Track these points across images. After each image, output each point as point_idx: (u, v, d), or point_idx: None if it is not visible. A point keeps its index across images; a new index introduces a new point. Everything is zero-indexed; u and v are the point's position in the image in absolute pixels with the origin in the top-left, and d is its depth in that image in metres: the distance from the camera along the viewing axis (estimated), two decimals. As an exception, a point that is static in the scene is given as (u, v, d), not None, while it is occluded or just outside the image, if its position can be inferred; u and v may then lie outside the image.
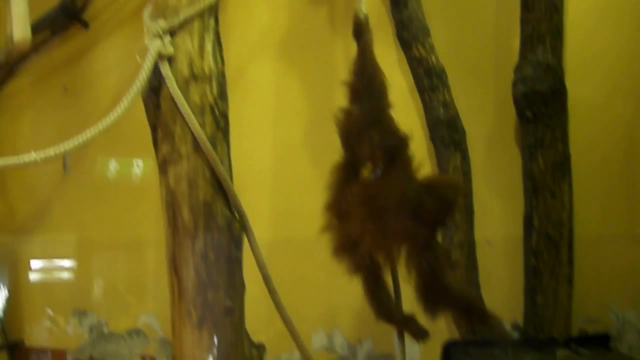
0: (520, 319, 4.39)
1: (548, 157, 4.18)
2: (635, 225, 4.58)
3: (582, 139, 4.35)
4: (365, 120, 3.33)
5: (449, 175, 3.65)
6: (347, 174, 3.34)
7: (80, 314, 5.70)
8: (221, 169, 2.82)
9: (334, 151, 5.03)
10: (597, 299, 4.48)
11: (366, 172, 3.35)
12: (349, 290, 4.97)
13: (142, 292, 5.54)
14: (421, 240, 3.09)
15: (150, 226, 5.25)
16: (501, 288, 4.54)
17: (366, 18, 3.62)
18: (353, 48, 4.93)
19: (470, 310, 3.30)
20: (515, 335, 4.40)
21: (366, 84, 3.41)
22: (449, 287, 3.11)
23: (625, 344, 4.46)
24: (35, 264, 5.87)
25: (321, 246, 4.89)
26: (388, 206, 3.12)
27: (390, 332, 4.84)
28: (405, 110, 4.87)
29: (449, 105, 4.49)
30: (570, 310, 4.22)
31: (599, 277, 4.44)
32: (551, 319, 4.14)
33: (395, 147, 3.25)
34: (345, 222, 3.20)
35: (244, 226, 2.96)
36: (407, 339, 3.65)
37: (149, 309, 5.49)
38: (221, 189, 2.88)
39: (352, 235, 3.15)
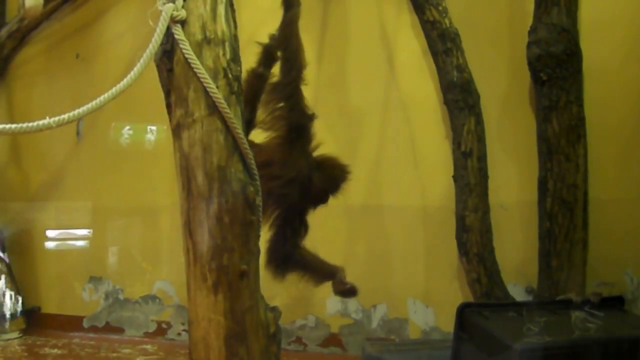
0: (534, 283, 4.40)
1: (563, 120, 4.17)
2: (651, 188, 4.57)
3: (597, 102, 4.33)
4: (279, 91, 3.43)
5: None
6: None
7: (96, 280, 5.74)
8: (239, 131, 2.81)
9: (346, 118, 5.05)
10: (611, 262, 4.47)
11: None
12: (364, 256, 5.02)
13: (157, 259, 5.57)
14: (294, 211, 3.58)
15: (164, 192, 5.27)
16: (516, 251, 4.55)
17: None
18: (366, 14, 4.93)
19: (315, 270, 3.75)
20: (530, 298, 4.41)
21: (287, 57, 3.48)
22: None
23: (640, 307, 4.47)
24: (51, 232, 5.90)
25: (335, 212, 4.93)
26: (282, 175, 3.46)
27: (405, 296, 4.88)
28: (419, 74, 4.86)
29: (462, 68, 4.47)
30: (585, 273, 4.23)
31: (613, 240, 4.44)
32: (565, 282, 4.15)
33: (302, 124, 3.49)
34: None
35: (257, 190, 2.95)
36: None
37: (164, 275, 5.52)
38: (235, 154, 2.87)
39: None
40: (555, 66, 4.12)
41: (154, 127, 5.46)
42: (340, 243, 5.06)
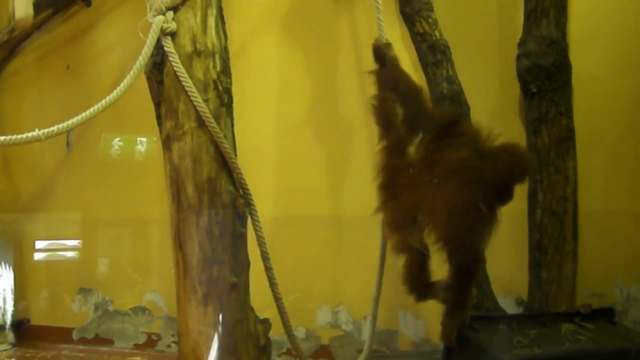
0: (524, 294, 4.40)
1: (552, 132, 4.18)
2: (640, 199, 4.58)
3: (586, 113, 4.34)
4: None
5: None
6: (393, 153, 3.32)
7: (86, 292, 5.71)
8: (225, 145, 2.83)
9: (337, 127, 5.05)
10: (601, 273, 4.48)
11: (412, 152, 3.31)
12: (354, 267, 5.01)
13: (147, 270, 5.55)
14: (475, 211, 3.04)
15: (154, 204, 5.26)
16: (506, 263, 4.55)
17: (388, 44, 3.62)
18: (356, 23, 4.94)
19: None
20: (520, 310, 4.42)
21: (403, 93, 3.37)
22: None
23: (630, 318, 4.47)
24: (40, 243, 5.87)
25: (326, 223, 4.92)
26: (444, 175, 3.08)
27: (395, 308, 4.87)
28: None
29: (452, 80, 4.47)
30: (575, 285, 4.23)
31: (603, 252, 4.45)
32: (556, 294, 4.15)
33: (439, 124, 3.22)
34: (398, 199, 3.16)
35: (247, 202, 2.95)
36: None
37: (154, 287, 5.50)
38: (225, 166, 2.88)
39: (408, 209, 3.11)
40: (544, 78, 4.14)
41: (144, 139, 5.45)
42: (329, 253, 5.06)
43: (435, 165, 3.12)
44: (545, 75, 4.14)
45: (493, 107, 4.62)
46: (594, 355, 3.15)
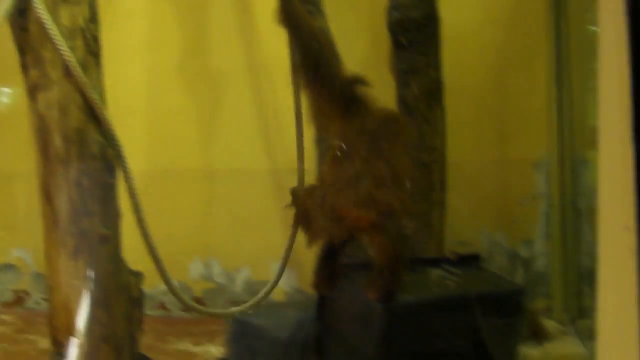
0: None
1: (421, 84, 4.25)
2: (506, 150, 4.72)
3: (455, 66, 4.43)
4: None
5: None
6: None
7: (-52, 249, 5.52)
8: (93, 95, 2.75)
9: (209, 79, 5.00)
10: (468, 222, 4.62)
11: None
12: (226, 220, 5.01)
13: (13, 226, 5.39)
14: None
15: (19, 157, 5.09)
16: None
17: None
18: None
19: None
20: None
21: (298, 34, 3.27)
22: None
23: (495, 264, 4.64)
24: None
25: (197, 175, 4.89)
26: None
27: (267, 259, 4.90)
28: (281, 37, 4.84)
29: (323, 31, 4.48)
30: (443, 233, 4.34)
31: (470, 201, 4.58)
32: (425, 242, 4.24)
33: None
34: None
35: (117, 153, 2.90)
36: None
37: (21, 243, 5.35)
38: (93, 116, 2.81)
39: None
40: (414, 31, 4.19)
41: (6, 89, 5.26)
42: (201, 206, 5.04)
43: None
44: (415, 28, 4.19)
45: (364, 60, 4.67)
46: (462, 299, 3.25)
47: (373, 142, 2.98)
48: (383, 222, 2.93)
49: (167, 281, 3.24)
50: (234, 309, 3.68)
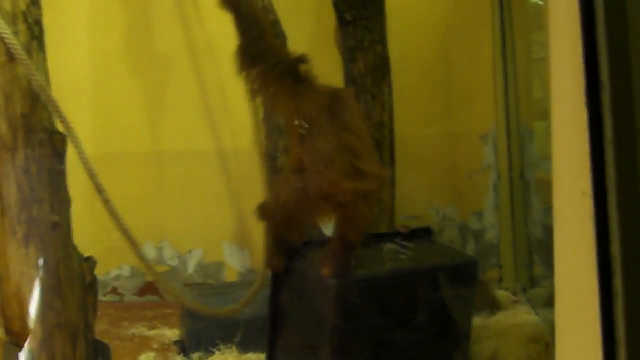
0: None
1: (368, 60, 4.26)
2: (453, 124, 4.76)
3: (399, 41, 4.44)
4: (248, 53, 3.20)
5: None
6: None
7: None
8: (38, 79, 2.71)
9: (153, 61, 4.96)
10: (418, 197, 4.65)
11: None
12: (176, 202, 4.98)
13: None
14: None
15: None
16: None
17: None
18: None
19: None
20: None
21: (242, 16, 3.25)
22: None
23: (446, 237, 4.68)
24: None
25: (145, 159, 4.85)
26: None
27: (220, 240, 4.89)
28: (225, 16, 4.81)
29: (268, 9, 4.46)
30: (394, 208, 4.36)
31: (419, 176, 4.61)
32: (376, 217, 4.26)
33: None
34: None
35: (73, 137, 2.86)
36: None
37: (-33, 233, 5.27)
38: (39, 101, 2.77)
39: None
40: (359, 6, 4.19)
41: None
42: (151, 189, 5.01)
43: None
44: (359, 4, 4.20)
45: (310, 36, 4.66)
46: (415, 272, 3.28)
47: (335, 118, 3.00)
48: (370, 192, 3.01)
49: (138, 254, 3.21)
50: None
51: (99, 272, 3.16)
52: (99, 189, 2.99)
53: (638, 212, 1.11)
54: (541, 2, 3.56)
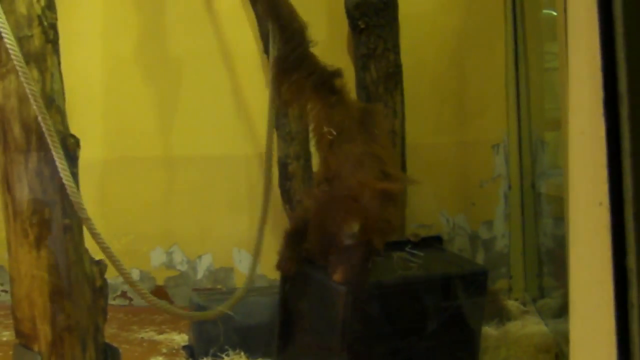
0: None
1: (380, 67, 4.27)
2: (464, 133, 4.75)
3: (412, 49, 4.45)
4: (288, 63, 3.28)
5: None
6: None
7: None
8: (33, 89, 2.70)
9: (166, 66, 4.97)
10: (429, 205, 4.64)
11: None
12: (187, 207, 4.99)
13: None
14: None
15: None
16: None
17: None
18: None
19: None
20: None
21: (283, 25, 3.33)
22: None
23: (456, 246, 4.67)
24: None
25: (157, 164, 4.86)
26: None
27: (230, 245, 4.90)
28: (239, 23, 4.83)
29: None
30: (404, 216, 4.36)
31: (430, 184, 4.60)
32: (400, 225, 4.26)
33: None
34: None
35: (77, 142, 2.87)
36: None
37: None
38: (52, 105, 2.78)
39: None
40: (372, 14, 4.20)
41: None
42: (161, 194, 5.02)
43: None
44: (373, 11, 4.20)
45: (322, 43, 4.64)
46: (425, 281, 3.28)
47: (365, 130, 3.12)
48: (396, 195, 3.15)
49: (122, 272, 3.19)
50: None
51: (109, 274, 3.17)
52: (79, 207, 2.92)
53: (654, 224, 1.10)
54: (555, 13, 3.56)
